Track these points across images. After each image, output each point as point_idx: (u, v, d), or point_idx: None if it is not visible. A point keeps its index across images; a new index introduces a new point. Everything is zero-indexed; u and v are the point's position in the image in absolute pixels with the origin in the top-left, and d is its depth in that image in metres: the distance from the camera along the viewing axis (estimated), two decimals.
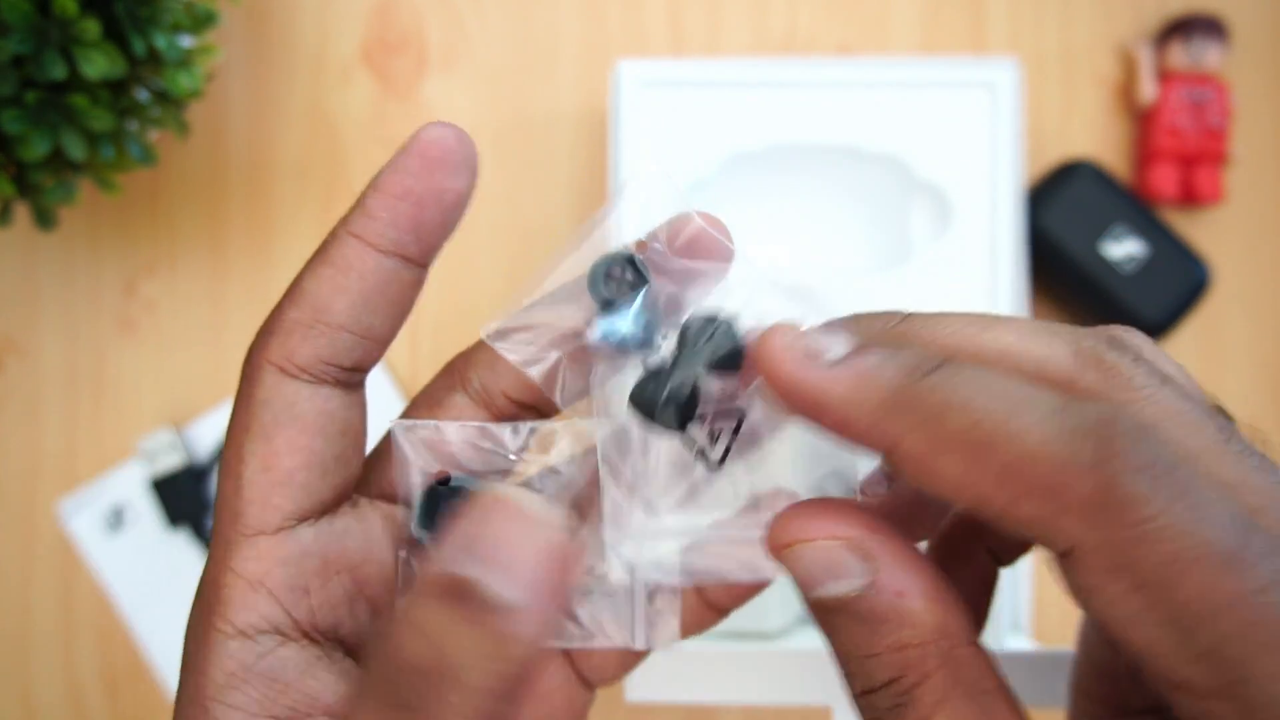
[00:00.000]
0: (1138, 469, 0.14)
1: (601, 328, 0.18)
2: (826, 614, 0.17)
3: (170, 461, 0.41)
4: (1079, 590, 0.15)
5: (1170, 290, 0.37)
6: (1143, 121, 0.41)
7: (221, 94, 0.43)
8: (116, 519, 0.42)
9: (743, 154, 0.35)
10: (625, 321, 0.18)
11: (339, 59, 0.42)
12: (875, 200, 0.36)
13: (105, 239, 0.43)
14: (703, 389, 0.18)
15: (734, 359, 0.18)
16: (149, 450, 0.41)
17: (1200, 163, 0.40)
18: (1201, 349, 0.41)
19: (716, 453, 0.19)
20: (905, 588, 0.17)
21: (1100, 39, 0.42)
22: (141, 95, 0.35)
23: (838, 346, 0.17)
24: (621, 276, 0.19)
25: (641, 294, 0.19)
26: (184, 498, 0.41)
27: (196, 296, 0.42)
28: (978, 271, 0.34)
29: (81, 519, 0.42)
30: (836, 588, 0.17)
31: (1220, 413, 0.17)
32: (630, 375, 0.19)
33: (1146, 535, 0.14)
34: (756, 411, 0.19)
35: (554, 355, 0.19)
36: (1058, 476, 0.15)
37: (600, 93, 0.42)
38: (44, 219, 0.35)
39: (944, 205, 0.34)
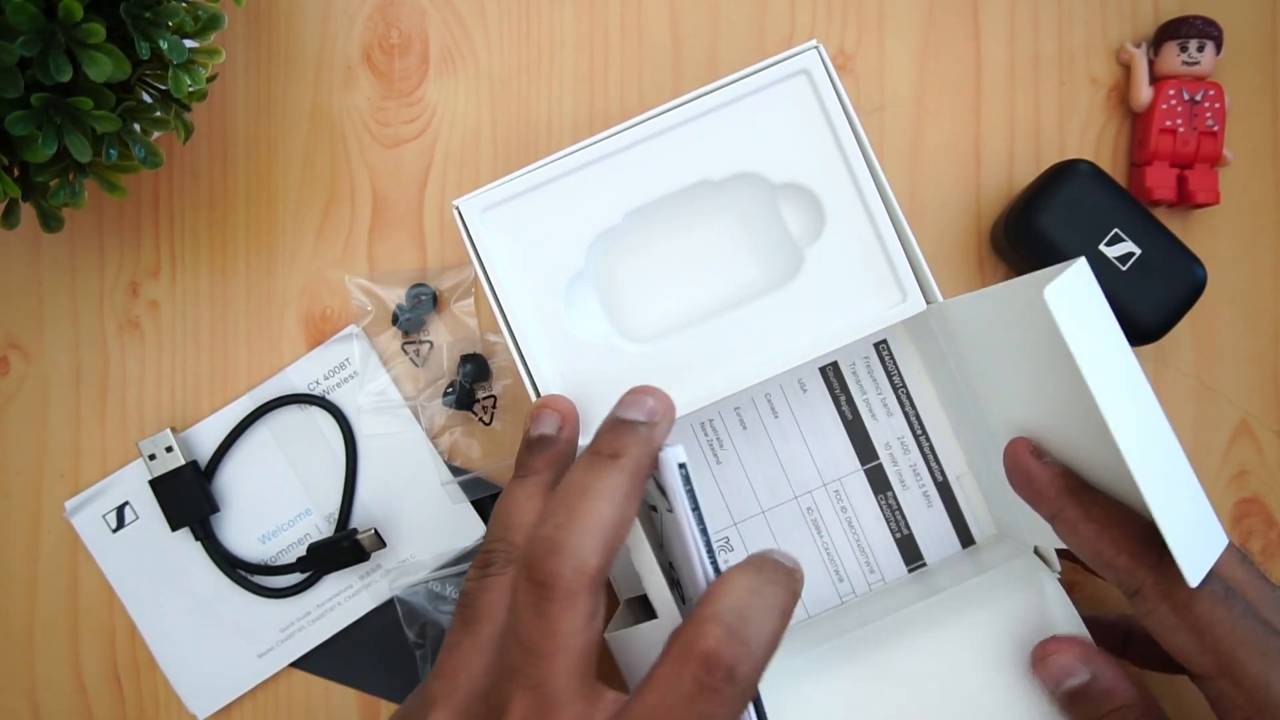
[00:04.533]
0: None
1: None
2: (1070, 702, 0.30)
3: (170, 462, 0.41)
4: (1143, 614, 0.28)
5: (1167, 291, 0.38)
6: (1138, 123, 0.41)
7: (224, 95, 0.43)
8: (120, 518, 0.42)
9: (606, 231, 0.35)
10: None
11: (340, 60, 0.43)
12: (748, 220, 0.36)
13: (109, 240, 0.43)
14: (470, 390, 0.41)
15: (481, 373, 0.41)
16: (148, 451, 0.41)
17: (1196, 164, 0.40)
18: (1198, 348, 0.41)
19: (487, 417, 0.42)
20: (1114, 679, 0.30)
21: (1096, 41, 0.42)
22: (145, 97, 0.36)
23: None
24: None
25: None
26: (184, 499, 0.41)
27: (200, 297, 0.43)
28: (870, 248, 0.34)
29: (86, 517, 0.42)
30: (1074, 681, 0.30)
31: (1241, 550, 0.31)
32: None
33: (1182, 582, 0.26)
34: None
35: None
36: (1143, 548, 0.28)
37: (602, 97, 0.42)
38: (49, 220, 0.35)
39: (811, 199, 0.35)
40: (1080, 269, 0.27)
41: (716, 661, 0.24)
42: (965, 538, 0.38)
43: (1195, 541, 0.27)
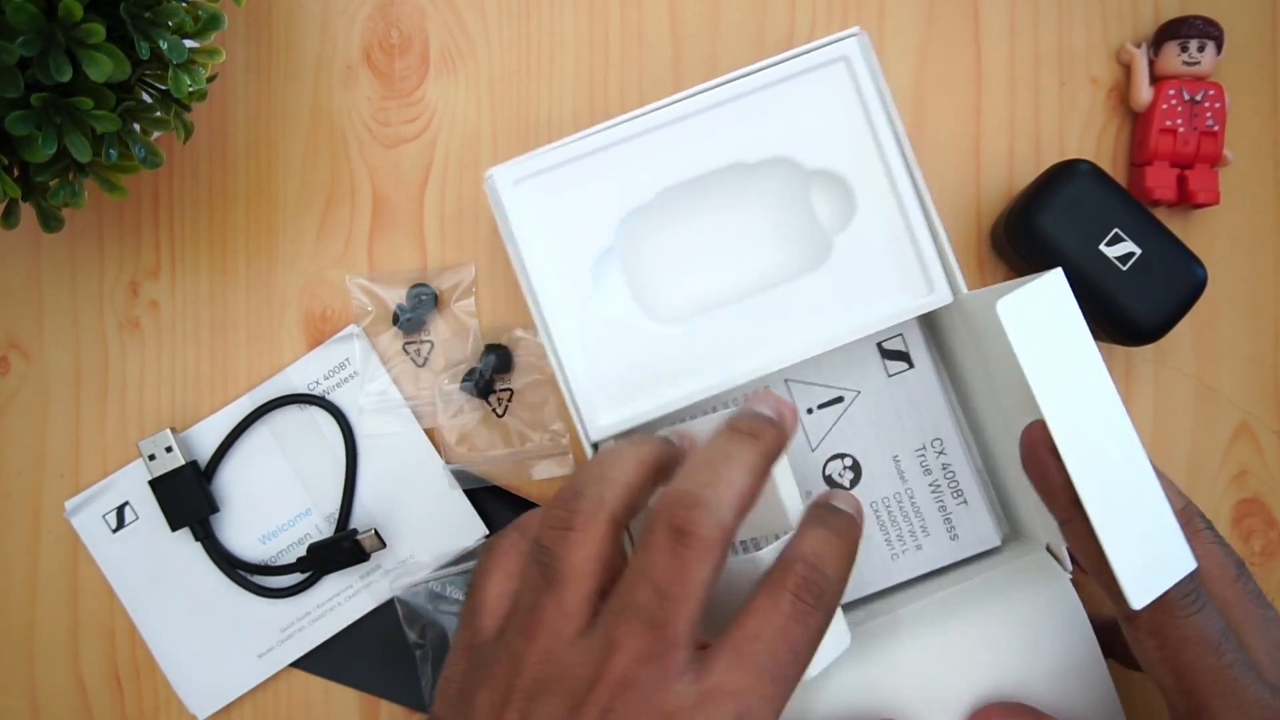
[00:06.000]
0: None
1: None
2: None
3: (170, 462, 0.41)
4: (1131, 641, 0.30)
5: (1168, 291, 0.38)
6: (1138, 123, 0.41)
7: (224, 95, 0.43)
8: (120, 518, 0.42)
9: (637, 208, 0.35)
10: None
11: (340, 60, 0.43)
12: (778, 205, 0.36)
13: (109, 240, 0.43)
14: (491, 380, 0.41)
15: (504, 365, 0.41)
16: (148, 451, 0.41)
17: (1196, 164, 0.40)
18: (1198, 348, 0.42)
19: (500, 409, 0.42)
20: None
21: (1097, 41, 0.42)
22: (145, 97, 0.36)
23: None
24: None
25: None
26: (184, 499, 0.41)
27: (200, 297, 0.43)
28: (899, 239, 0.34)
29: (86, 517, 0.42)
30: None
31: (1238, 565, 0.31)
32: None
33: (1177, 622, 0.28)
34: None
35: None
36: None
37: (602, 97, 0.42)
38: (49, 220, 0.35)
39: (843, 186, 0.35)
40: (1050, 281, 0.28)
41: (807, 589, 0.27)
42: None
43: (1148, 566, 0.28)
